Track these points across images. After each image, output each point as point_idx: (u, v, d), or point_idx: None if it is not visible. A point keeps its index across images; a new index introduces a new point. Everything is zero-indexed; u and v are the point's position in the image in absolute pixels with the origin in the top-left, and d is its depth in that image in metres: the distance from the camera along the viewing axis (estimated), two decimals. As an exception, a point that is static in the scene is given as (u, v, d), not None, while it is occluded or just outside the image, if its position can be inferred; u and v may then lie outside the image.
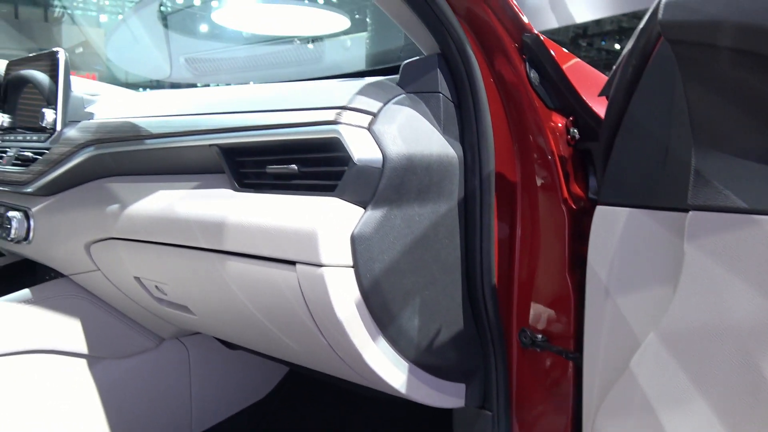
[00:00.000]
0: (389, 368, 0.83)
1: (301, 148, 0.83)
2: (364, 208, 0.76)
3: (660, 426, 0.62)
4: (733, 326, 0.57)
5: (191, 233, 0.93)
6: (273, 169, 0.85)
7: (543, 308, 0.86)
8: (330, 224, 0.74)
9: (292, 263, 0.79)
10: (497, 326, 0.88)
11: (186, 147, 0.98)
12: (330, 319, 0.78)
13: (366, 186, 0.75)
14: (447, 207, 0.83)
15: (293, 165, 0.82)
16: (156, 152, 1.04)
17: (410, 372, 0.85)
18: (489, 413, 0.91)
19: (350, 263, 0.75)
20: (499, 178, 0.85)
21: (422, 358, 0.84)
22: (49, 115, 1.22)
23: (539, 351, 0.86)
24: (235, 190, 0.90)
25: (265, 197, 0.85)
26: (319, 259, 0.74)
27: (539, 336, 0.85)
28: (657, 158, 0.66)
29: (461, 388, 0.91)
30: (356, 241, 0.74)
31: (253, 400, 1.61)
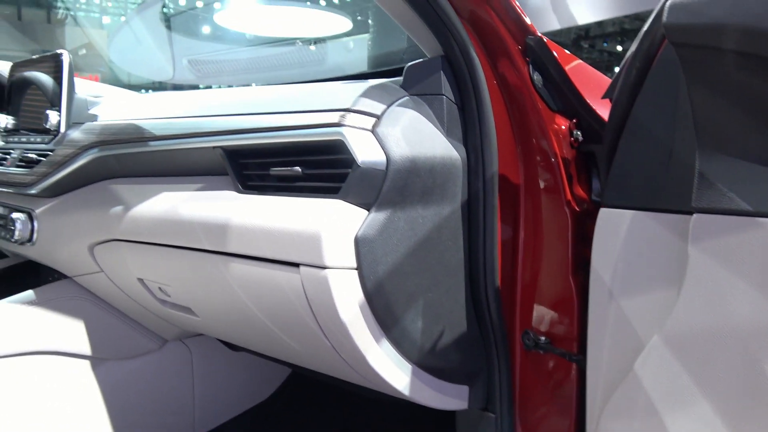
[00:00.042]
0: (392, 370, 0.83)
1: (305, 151, 0.83)
2: (368, 211, 0.76)
3: (664, 428, 0.62)
4: (737, 328, 0.57)
5: (195, 235, 0.93)
6: (277, 171, 0.85)
7: (546, 310, 0.86)
8: (334, 226, 0.74)
9: (296, 265, 0.79)
10: (500, 328, 0.88)
11: (190, 149, 0.98)
12: (333, 321, 0.78)
13: (370, 188, 0.75)
14: (450, 209, 0.83)
15: (297, 167, 0.82)
16: (160, 154, 1.04)
17: (413, 374, 0.85)
18: (492, 415, 0.91)
19: (354, 265, 0.75)
20: (503, 181, 0.85)
21: (425, 360, 0.84)
22: (53, 117, 1.22)
23: (542, 353, 0.86)
24: (239, 192, 0.90)
25: (269, 199, 0.85)
26: (323, 261, 0.74)
27: (542, 338, 0.85)
28: (661, 161, 0.66)
29: (464, 390, 0.91)
30: (360, 244, 0.74)
31: (256, 402, 1.61)
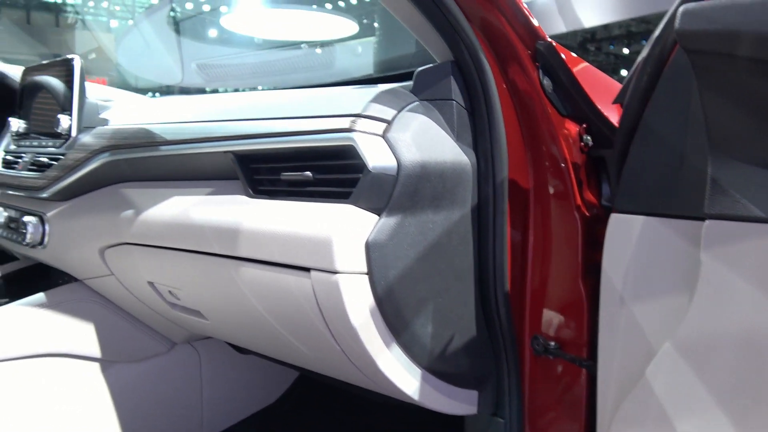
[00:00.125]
0: (402, 375, 0.83)
1: (316, 156, 0.83)
2: (379, 216, 0.76)
3: None
4: (751, 335, 0.57)
5: (205, 239, 0.93)
6: (287, 176, 0.85)
7: (555, 315, 0.86)
8: (345, 231, 0.75)
9: (307, 270, 0.79)
10: (510, 333, 0.88)
11: (200, 153, 0.98)
12: (344, 326, 0.78)
13: (380, 193, 0.76)
14: (460, 214, 0.83)
15: (308, 172, 0.83)
16: (170, 158, 1.05)
17: (423, 379, 0.85)
18: (501, 420, 0.91)
19: (365, 270, 0.75)
20: (512, 186, 0.85)
21: (435, 365, 0.85)
22: (65, 122, 1.23)
23: (552, 358, 0.86)
24: (250, 197, 0.90)
25: (280, 204, 0.85)
26: (334, 266, 0.75)
27: (552, 343, 0.85)
28: (672, 166, 0.66)
29: (474, 395, 0.91)
30: (371, 248, 0.75)
31: (264, 405, 1.62)
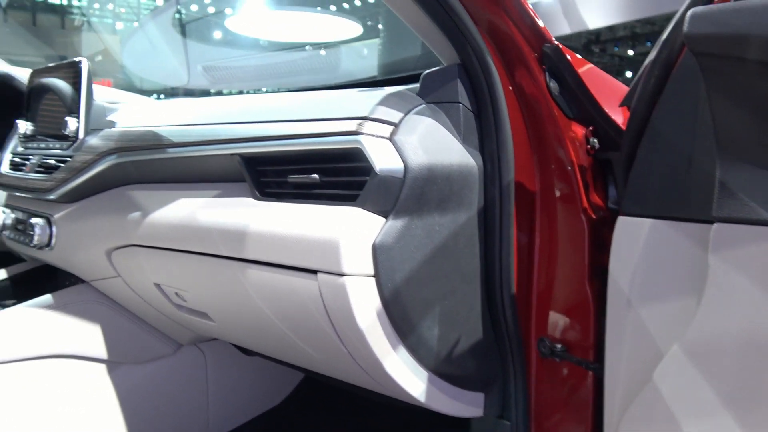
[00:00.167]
0: (409, 377, 0.83)
1: (323, 158, 0.84)
2: (386, 218, 0.76)
3: None
4: (759, 339, 0.56)
5: (212, 241, 0.94)
6: (294, 179, 0.85)
7: (562, 318, 0.86)
8: (352, 234, 0.75)
9: (314, 272, 0.79)
10: (516, 335, 0.88)
11: (207, 156, 0.99)
12: (351, 328, 0.78)
13: (387, 196, 0.76)
14: (467, 216, 0.83)
15: (315, 174, 0.83)
16: (177, 161, 1.05)
17: (429, 381, 0.85)
18: (507, 423, 0.91)
19: (371, 272, 0.76)
20: (519, 188, 0.85)
21: (441, 367, 0.85)
22: (72, 124, 1.23)
23: (558, 361, 0.86)
24: (257, 199, 0.90)
25: (287, 206, 0.85)
26: (341, 269, 0.75)
27: (558, 346, 0.85)
28: (680, 169, 0.66)
29: (480, 398, 0.91)
30: (378, 251, 0.75)
31: (269, 406, 1.62)
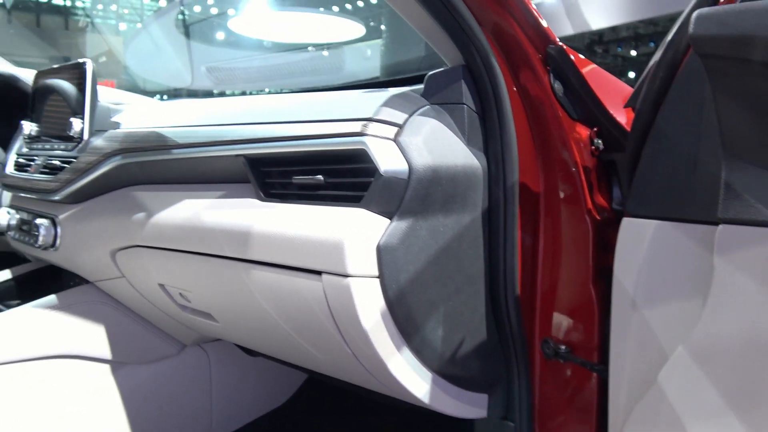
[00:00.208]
0: (413, 378, 0.83)
1: (328, 159, 0.84)
2: (390, 219, 0.76)
3: None
4: (765, 341, 0.56)
5: (216, 242, 0.94)
6: (299, 180, 0.86)
7: (566, 319, 0.86)
8: (356, 235, 0.75)
9: (318, 273, 0.79)
10: (520, 337, 0.88)
11: (212, 157, 0.99)
12: (355, 329, 0.78)
13: (392, 197, 0.76)
14: (471, 218, 0.83)
15: (319, 176, 0.83)
16: (182, 162, 1.05)
17: (433, 382, 0.85)
18: (511, 424, 0.91)
19: (376, 273, 0.76)
20: (523, 189, 0.85)
21: (445, 369, 0.85)
22: (77, 125, 1.24)
23: (562, 362, 0.86)
24: (261, 200, 0.91)
25: (291, 207, 0.85)
26: (346, 270, 0.75)
27: (562, 347, 0.85)
28: (685, 170, 0.65)
29: (484, 399, 0.91)
30: (382, 252, 0.75)
31: (273, 406, 1.62)
